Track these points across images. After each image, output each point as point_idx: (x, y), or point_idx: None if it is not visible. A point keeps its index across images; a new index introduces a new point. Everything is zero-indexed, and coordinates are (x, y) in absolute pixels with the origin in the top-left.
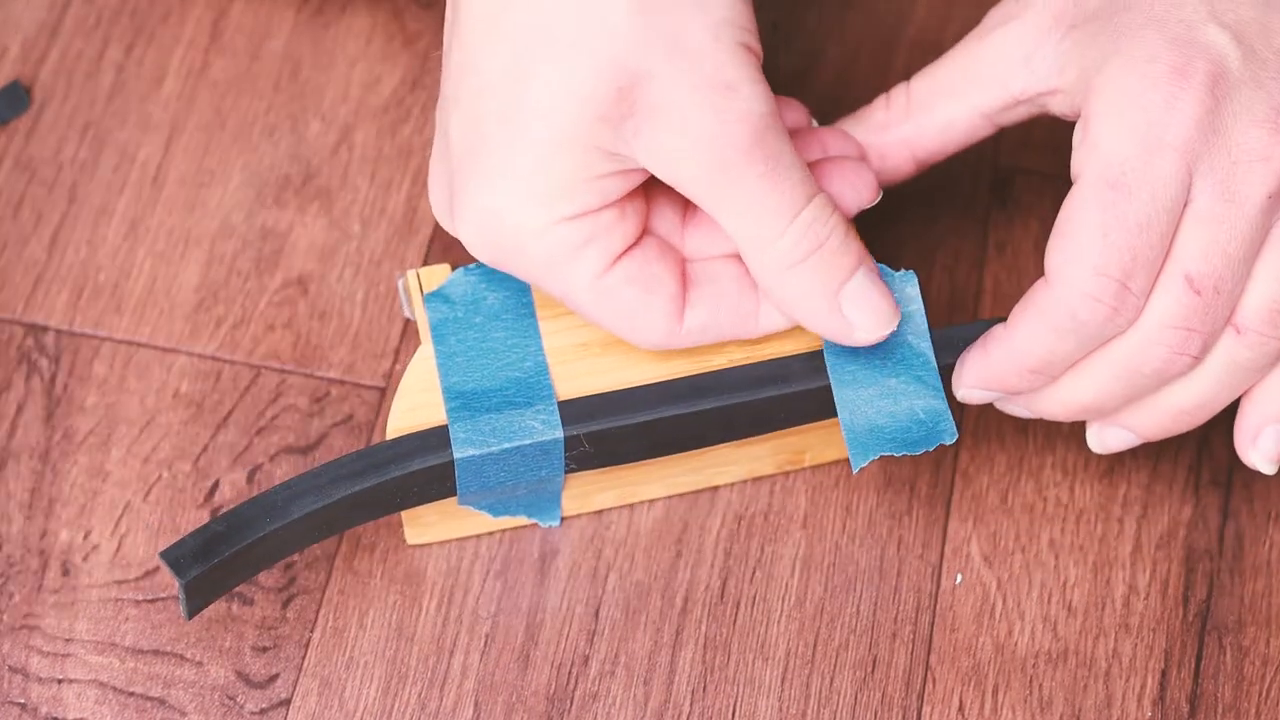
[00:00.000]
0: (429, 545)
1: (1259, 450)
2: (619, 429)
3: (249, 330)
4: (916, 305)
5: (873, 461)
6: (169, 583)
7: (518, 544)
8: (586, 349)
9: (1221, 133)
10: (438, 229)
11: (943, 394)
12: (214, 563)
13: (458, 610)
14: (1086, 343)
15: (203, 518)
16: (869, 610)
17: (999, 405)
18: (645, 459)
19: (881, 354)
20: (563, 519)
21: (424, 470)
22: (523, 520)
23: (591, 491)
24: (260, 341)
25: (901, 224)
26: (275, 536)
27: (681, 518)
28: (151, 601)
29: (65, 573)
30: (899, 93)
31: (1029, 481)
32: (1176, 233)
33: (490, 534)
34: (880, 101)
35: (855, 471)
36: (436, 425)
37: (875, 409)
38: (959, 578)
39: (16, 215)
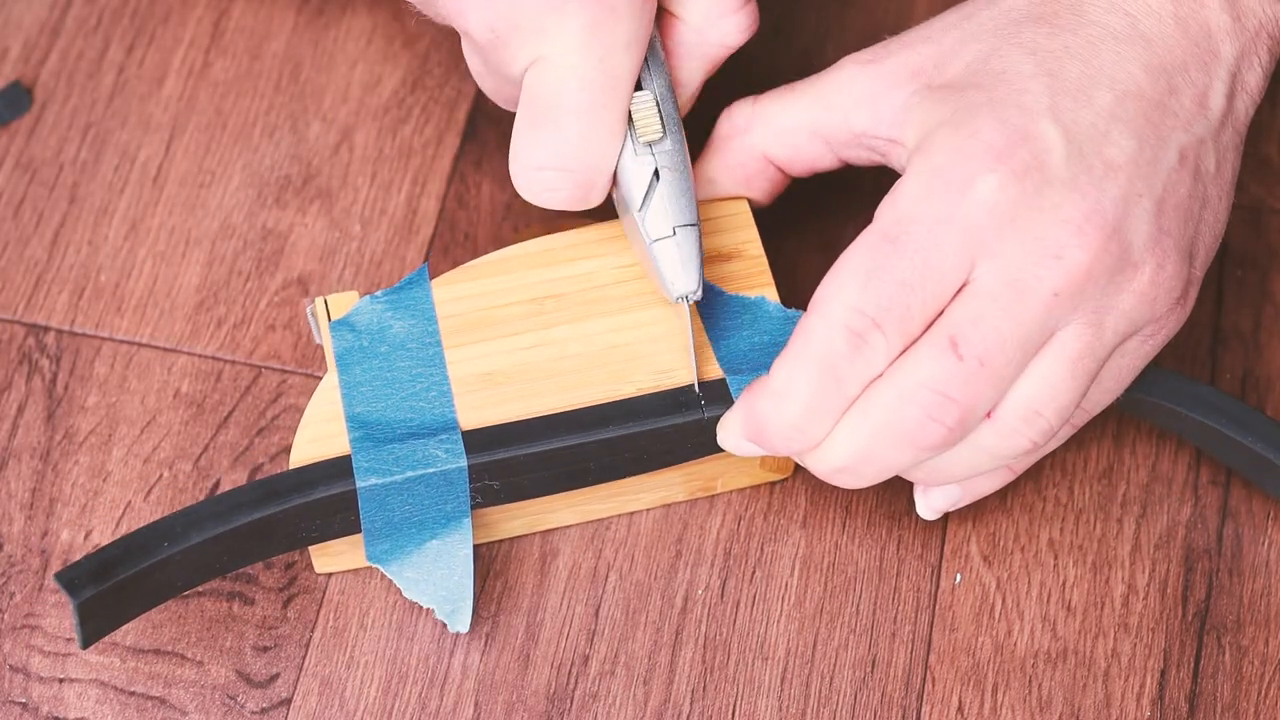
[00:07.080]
0: None
1: (927, 500)
2: (523, 458)
3: (249, 330)
4: None
5: None
6: None
7: (518, 544)
8: (491, 379)
9: (1019, 222)
10: (438, 229)
11: None
12: (109, 585)
13: None
14: (841, 384)
15: None
16: (868, 610)
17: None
18: (554, 492)
19: None
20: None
21: (327, 499)
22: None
23: (499, 520)
24: (261, 341)
25: None
26: (174, 562)
27: (681, 518)
28: None
29: None
30: (742, 106)
31: (1028, 481)
32: (950, 304)
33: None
34: (723, 116)
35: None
36: (340, 455)
37: None
38: (958, 577)
39: (17, 215)
